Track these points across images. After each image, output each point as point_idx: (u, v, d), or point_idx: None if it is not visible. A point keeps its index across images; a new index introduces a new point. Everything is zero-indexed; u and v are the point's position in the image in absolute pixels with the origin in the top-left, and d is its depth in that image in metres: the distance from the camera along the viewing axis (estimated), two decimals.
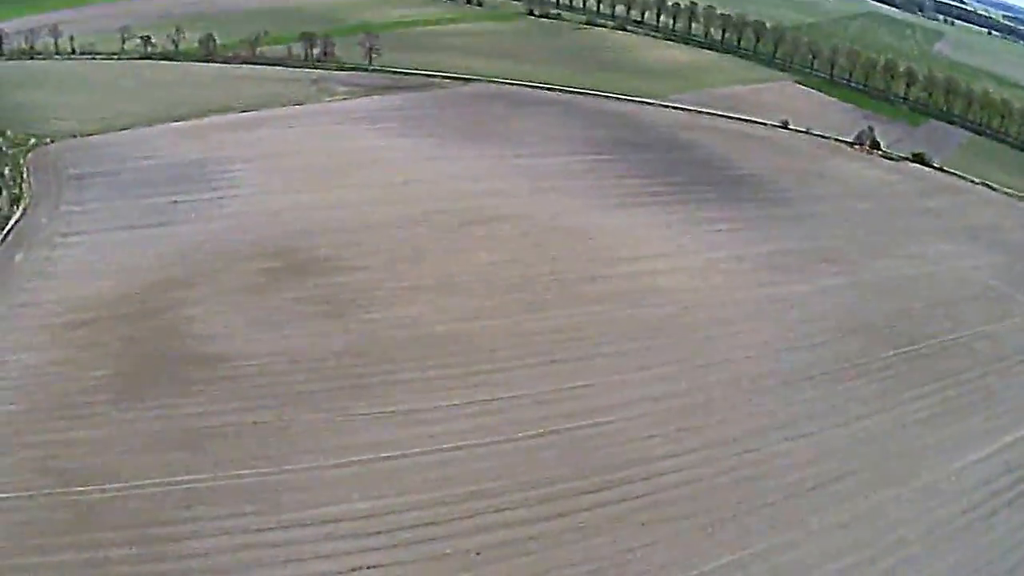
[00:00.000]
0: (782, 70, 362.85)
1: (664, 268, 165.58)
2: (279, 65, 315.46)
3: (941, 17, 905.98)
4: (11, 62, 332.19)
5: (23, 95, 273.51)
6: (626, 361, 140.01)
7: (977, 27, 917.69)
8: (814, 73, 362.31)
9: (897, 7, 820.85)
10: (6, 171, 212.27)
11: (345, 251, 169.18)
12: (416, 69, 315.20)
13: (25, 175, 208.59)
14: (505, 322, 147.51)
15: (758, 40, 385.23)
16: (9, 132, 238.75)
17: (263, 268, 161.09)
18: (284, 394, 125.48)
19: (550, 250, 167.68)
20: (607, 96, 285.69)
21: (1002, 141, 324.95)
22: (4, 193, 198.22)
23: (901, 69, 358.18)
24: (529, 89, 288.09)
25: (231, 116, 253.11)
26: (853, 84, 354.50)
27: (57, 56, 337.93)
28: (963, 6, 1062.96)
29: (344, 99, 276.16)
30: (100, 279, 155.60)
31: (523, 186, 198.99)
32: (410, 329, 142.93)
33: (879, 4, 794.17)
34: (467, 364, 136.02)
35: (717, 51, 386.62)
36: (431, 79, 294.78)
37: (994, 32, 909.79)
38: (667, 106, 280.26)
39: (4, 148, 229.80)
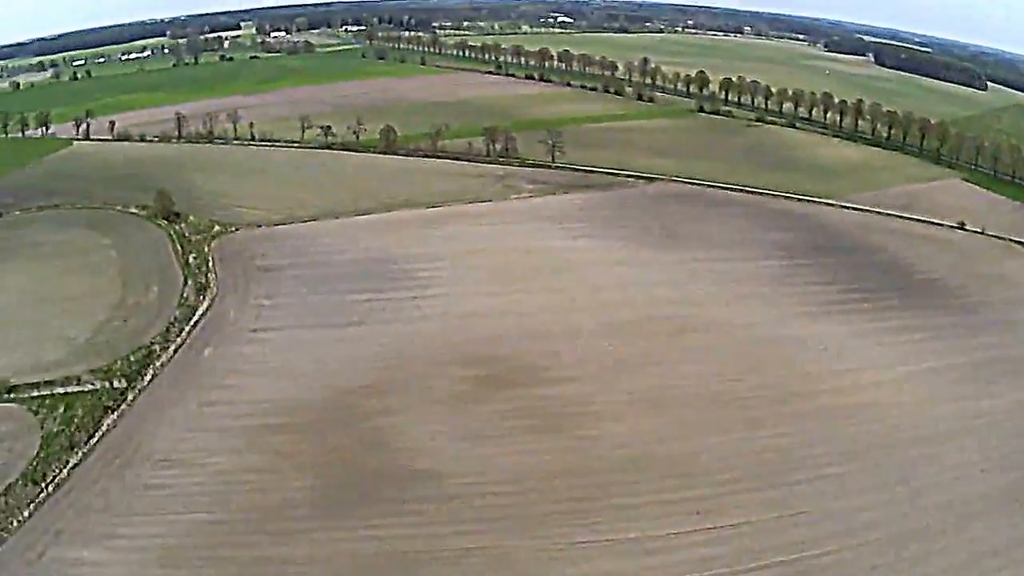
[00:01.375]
0: (949, 167, 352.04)
1: (865, 382, 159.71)
2: (462, 160, 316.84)
3: None
4: (191, 145, 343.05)
5: (204, 180, 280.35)
6: (842, 484, 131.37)
7: None
8: (979, 169, 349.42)
9: None
10: (191, 259, 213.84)
11: (549, 360, 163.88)
12: (599, 167, 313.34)
13: (211, 264, 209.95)
14: (721, 440, 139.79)
15: (923, 137, 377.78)
16: (192, 218, 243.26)
17: (466, 376, 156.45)
18: (501, 517, 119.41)
19: (754, 362, 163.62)
20: (787, 196, 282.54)
21: None
22: (190, 282, 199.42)
23: None
24: (711, 189, 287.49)
25: (418, 211, 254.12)
26: (1017, 180, 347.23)
27: (236, 141, 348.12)
28: None
29: (531, 197, 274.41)
30: (295, 380, 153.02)
31: (718, 293, 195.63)
32: (626, 448, 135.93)
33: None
34: (688, 488, 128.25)
35: (884, 148, 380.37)
36: (615, 177, 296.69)
37: None
38: (846, 207, 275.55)
39: (188, 234, 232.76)
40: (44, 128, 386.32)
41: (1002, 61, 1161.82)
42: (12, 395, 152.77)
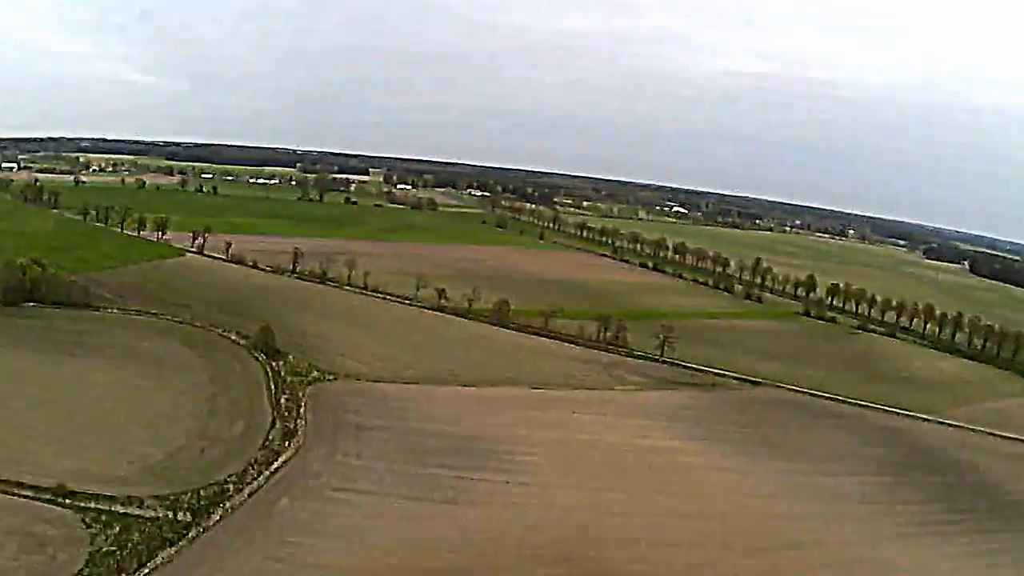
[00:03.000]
0: None
1: None
2: (571, 342, 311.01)
3: None
4: (303, 283, 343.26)
5: (311, 321, 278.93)
6: None
7: None
8: None
9: None
10: (283, 400, 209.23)
11: (646, 568, 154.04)
12: (705, 366, 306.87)
13: (303, 410, 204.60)
14: None
15: (1016, 351, 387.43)
16: (292, 358, 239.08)
17: (552, 574, 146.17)
18: None
19: None
20: (886, 410, 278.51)
21: None
22: (278, 424, 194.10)
23: None
24: (812, 398, 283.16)
25: (521, 390, 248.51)
26: None
27: (349, 287, 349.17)
28: None
29: (636, 390, 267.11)
30: (372, 552, 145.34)
31: (817, 509, 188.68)
32: None
33: None
34: None
35: (978, 360, 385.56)
36: (720, 378, 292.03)
37: None
38: (943, 423, 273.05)
39: (284, 374, 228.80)
40: (160, 232, 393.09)
41: None
42: (68, 500, 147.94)
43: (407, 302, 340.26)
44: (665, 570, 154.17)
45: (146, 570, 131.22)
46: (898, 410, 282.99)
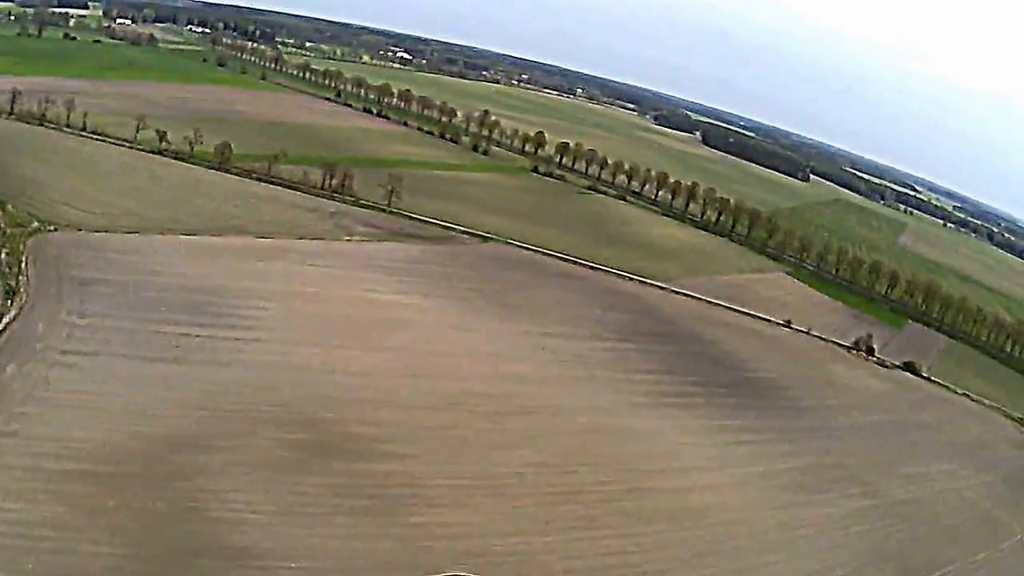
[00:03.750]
0: (774, 259, 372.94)
1: (699, 484, 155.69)
2: (296, 189, 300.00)
3: (902, 207, 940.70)
4: (21, 125, 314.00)
5: (29, 167, 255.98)
6: None
7: (932, 218, 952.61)
8: (804, 265, 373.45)
9: (862, 194, 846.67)
10: (3, 255, 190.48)
11: (380, 431, 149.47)
12: (434, 218, 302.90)
13: (24, 265, 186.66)
14: (560, 541, 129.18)
15: (751, 227, 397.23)
16: (11, 207, 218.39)
17: (290, 439, 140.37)
18: None
19: (589, 453, 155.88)
20: (619, 275, 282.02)
21: (974, 347, 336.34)
22: None
23: (884, 269, 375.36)
24: (545, 257, 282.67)
25: (247, 240, 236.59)
26: (839, 280, 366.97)
27: (68, 129, 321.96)
28: (919, 196, 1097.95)
29: (363, 240, 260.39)
30: (102, 419, 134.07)
31: (554, 372, 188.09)
32: (462, 541, 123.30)
33: (848, 192, 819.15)
34: None
35: (712, 232, 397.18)
36: (449, 232, 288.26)
37: (949, 224, 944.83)
38: (679, 292, 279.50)
39: (3, 226, 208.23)
40: None
41: (824, 153, 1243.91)
42: None
43: (126, 145, 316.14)
44: (399, 432, 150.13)
45: None
46: (632, 275, 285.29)
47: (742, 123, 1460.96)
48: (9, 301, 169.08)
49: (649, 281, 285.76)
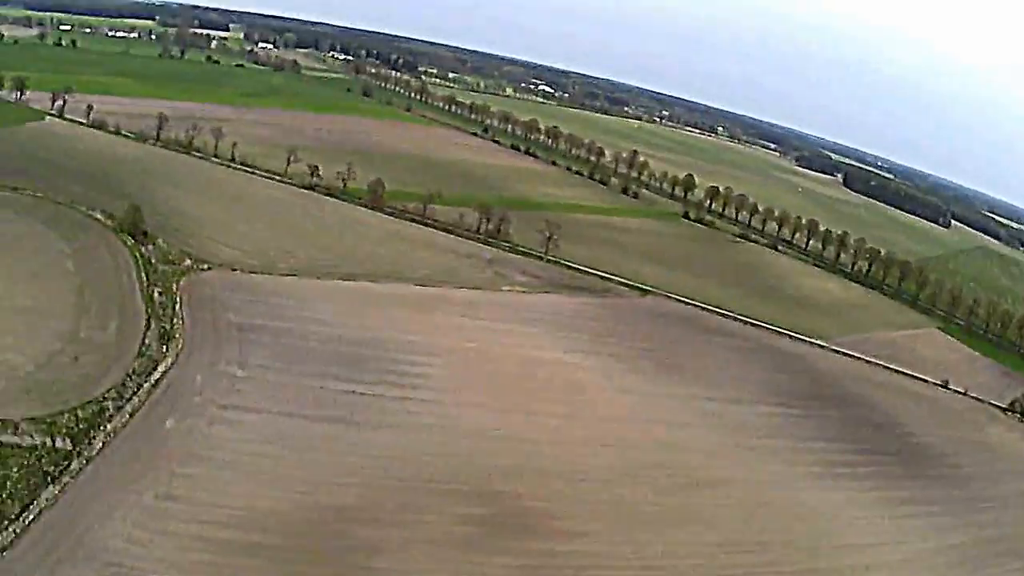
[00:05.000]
0: (925, 313, 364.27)
1: (875, 562, 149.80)
2: (451, 232, 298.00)
3: None
4: (168, 153, 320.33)
5: (179, 197, 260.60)
6: None
7: None
8: (955, 320, 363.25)
9: (1003, 241, 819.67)
10: (156, 294, 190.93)
11: (557, 506, 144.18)
12: (591, 267, 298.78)
13: (178, 307, 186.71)
14: None
15: (901, 278, 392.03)
16: (161, 241, 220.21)
17: (468, 515, 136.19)
18: None
19: (764, 530, 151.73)
20: (778, 331, 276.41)
21: None
22: (154, 326, 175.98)
23: None
24: (704, 312, 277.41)
25: (406, 287, 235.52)
26: (991, 336, 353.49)
27: (215, 159, 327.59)
28: None
29: (524, 292, 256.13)
30: (270, 485, 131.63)
31: (722, 441, 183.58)
32: None
33: (989, 238, 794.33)
34: None
35: (863, 285, 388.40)
36: (608, 283, 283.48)
37: None
38: (838, 351, 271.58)
39: (155, 261, 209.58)
40: (19, 93, 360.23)
41: (960, 196, 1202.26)
42: None
43: (277, 178, 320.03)
44: (576, 507, 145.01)
45: (30, 516, 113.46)
46: (791, 333, 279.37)
47: (879, 163, 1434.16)
48: (164, 346, 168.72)
49: (807, 339, 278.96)
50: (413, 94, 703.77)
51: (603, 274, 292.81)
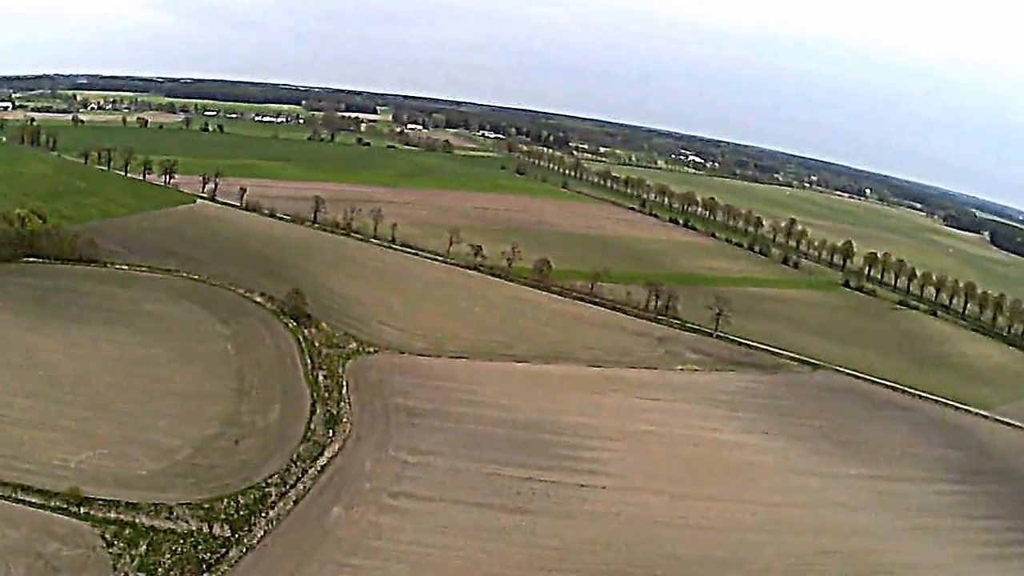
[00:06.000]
0: None
1: None
2: (620, 311, 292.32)
3: None
4: (326, 235, 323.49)
5: (340, 281, 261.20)
6: None
7: None
8: None
9: None
10: (321, 377, 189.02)
11: None
12: (760, 343, 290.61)
13: (345, 391, 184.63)
14: None
15: None
16: (325, 324, 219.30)
17: None
18: None
19: None
20: (943, 402, 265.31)
21: None
22: (319, 410, 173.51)
23: None
24: (873, 386, 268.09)
25: (577, 368, 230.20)
26: None
27: (375, 240, 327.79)
28: None
29: (695, 371, 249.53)
30: None
31: (897, 524, 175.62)
32: None
33: None
34: None
35: (1019, 348, 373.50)
36: (778, 358, 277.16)
37: None
38: (1001, 421, 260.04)
39: (319, 344, 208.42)
40: (168, 176, 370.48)
41: None
42: (83, 509, 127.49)
43: (440, 259, 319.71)
44: None
45: None
46: (955, 403, 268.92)
47: (1021, 217, 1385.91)
48: (331, 431, 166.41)
49: (972, 410, 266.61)
50: (567, 171, 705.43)
51: (773, 348, 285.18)
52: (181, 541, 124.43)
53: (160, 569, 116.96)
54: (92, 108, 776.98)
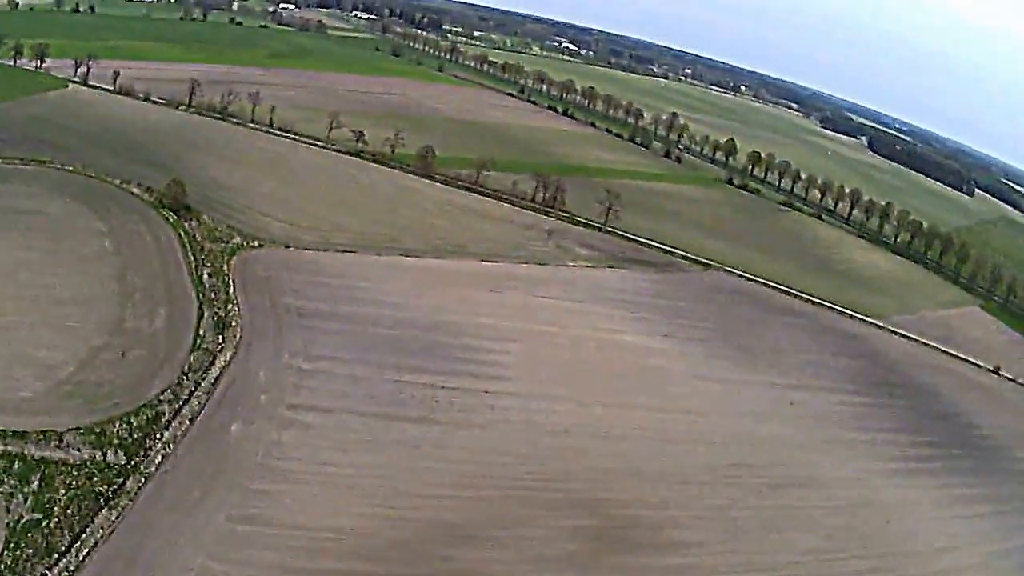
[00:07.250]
0: (967, 290, 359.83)
1: (952, 567, 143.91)
2: (508, 202, 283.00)
3: None
4: (203, 118, 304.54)
5: (219, 168, 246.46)
6: None
7: None
8: (993, 297, 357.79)
9: (1020, 210, 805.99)
10: (206, 276, 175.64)
11: (663, 514, 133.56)
12: (649, 239, 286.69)
13: (232, 290, 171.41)
14: None
15: (942, 253, 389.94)
16: (207, 217, 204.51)
17: (571, 527, 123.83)
18: None
19: (857, 534, 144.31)
20: (839, 310, 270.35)
21: None
22: (207, 314, 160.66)
23: None
24: (765, 288, 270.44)
25: (471, 263, 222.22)
26: None
27: (253, 124, 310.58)
28: None
29: (588, 267, 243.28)
30: (352, 499, 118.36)
31: (805, 434, 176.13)
32: None
33: (1009, 208, 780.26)
34: None
35: (907, 258, 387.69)
36: (669, 256, 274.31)
37: None
38: (895, 332, 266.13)
39: (201, 239, 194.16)
40: (39, 61, 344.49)
41: (978, 161, 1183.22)
42: None
43: (321, 145, 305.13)
44: (681, 515, 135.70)
45: (84, 549, 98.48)
46: (852, 312, 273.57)
47: (897, 125, 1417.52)
48: (221, 336, 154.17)
49: (866, 319, 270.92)
50: (443, 54, 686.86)
51: (663, 246, 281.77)
52: (75, 473, 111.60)
53: (56, 507, 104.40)
54: None
